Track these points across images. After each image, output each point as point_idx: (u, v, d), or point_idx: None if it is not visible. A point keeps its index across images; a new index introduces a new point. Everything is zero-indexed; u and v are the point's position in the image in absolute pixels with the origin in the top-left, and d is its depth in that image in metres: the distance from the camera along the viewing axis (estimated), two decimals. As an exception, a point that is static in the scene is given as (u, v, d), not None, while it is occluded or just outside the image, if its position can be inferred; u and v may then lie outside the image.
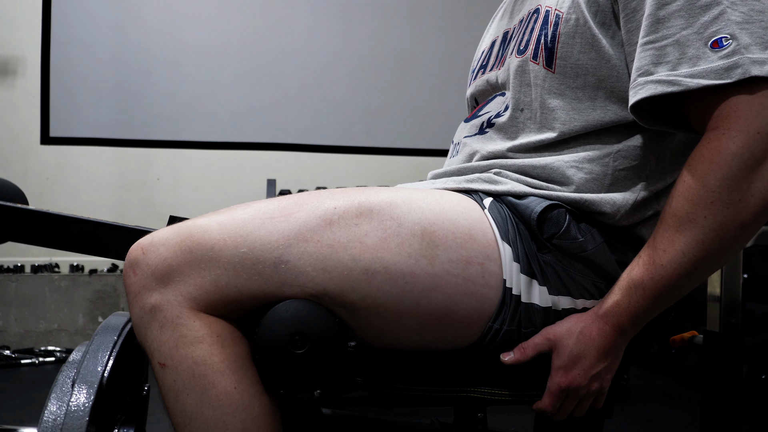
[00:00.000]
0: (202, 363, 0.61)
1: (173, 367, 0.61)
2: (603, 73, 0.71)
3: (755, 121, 0.58)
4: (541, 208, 0.68)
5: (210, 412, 0.61)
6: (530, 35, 0.76)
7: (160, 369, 0.62)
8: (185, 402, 0.61)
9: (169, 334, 0.61)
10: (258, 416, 0.62)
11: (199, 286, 0.62)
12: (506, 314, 0.67)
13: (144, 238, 0.65)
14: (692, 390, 2.34)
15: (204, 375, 0.61)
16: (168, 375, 0.62)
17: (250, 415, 0.62)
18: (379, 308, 0.64)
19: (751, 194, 0.59)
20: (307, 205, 0.66)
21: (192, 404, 0.61)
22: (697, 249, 0.61)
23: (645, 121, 0.67)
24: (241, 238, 0.63)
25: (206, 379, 0.61)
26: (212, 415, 0.61)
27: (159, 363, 0.62)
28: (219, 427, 0.61)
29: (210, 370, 0.61)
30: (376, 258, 0.64)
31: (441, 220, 0.66)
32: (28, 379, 2.43)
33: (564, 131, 0.72)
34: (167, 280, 0.62)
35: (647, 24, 0.64)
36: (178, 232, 0.64)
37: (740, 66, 0.58)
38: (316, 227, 0.64)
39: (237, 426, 0.61)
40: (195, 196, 3.09)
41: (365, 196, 0.67)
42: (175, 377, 0.61)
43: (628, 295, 0.65)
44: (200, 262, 0.62)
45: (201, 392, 0.61)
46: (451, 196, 0.71)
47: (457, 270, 0.65)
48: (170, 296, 0.62)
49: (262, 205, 0.67)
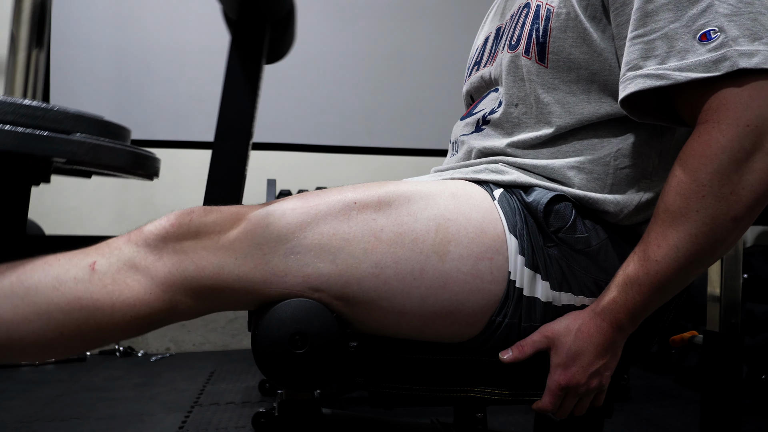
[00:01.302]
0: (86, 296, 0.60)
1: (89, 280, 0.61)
2: (595, 67, 0.71)
3: (745, 114, 0.58)
4: (547, 200, 0.68)
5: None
6: (521, 30, 0.77)
7: (89, 269, 0.61)
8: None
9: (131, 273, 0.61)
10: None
11: (200, 268, 0.62)
12: (509, 307, 0.67)
13: (201, 207, 0.66)
14: (692, 390, 2.34)
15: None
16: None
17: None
18: (383, 302, 0.65)
19: (743, 187, 0.58)
20: (328, 197, 0.66)
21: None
22: (690, 243, 0.61)
23: (636, 115, 0.67)
24: (261, 228, 0.63)
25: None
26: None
27: (90, 265, 0.61)
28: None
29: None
30: (387, 252, 0.64)
31: (455, 215, 0.67)
32: (28, 379, 2.43)
33: (561, 125, 0.72)
34: (179, 246, 0.62)
35: (636, 18, 0.64)
36: (226, 209, 0.65)
37: (728, 58, 0.58)
38: (335, 221, 0.64)
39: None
40: (195, 196, 3.07)
41: (385, 190, 0.67)
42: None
43: (624, 291, 0.65)
44: (219, 247, 0.63)
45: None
46: (466, 187, 0.71)
47: (467, 267, 0.65)
48: (167, 261, 0.62)
49: (289, 200, 0.67)
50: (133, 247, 0.62)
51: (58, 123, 0.63)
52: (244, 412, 2.03)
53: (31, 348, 0.60)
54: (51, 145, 0.62)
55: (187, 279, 0.62)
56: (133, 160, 0.74)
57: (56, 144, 0.62)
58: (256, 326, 0.64)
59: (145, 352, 2.95)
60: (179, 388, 2.33)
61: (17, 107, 0.60)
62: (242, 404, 2.12)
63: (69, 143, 0.63)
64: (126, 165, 0.73)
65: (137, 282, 0.61)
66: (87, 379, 2.45)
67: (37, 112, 0.61)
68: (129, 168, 0.74)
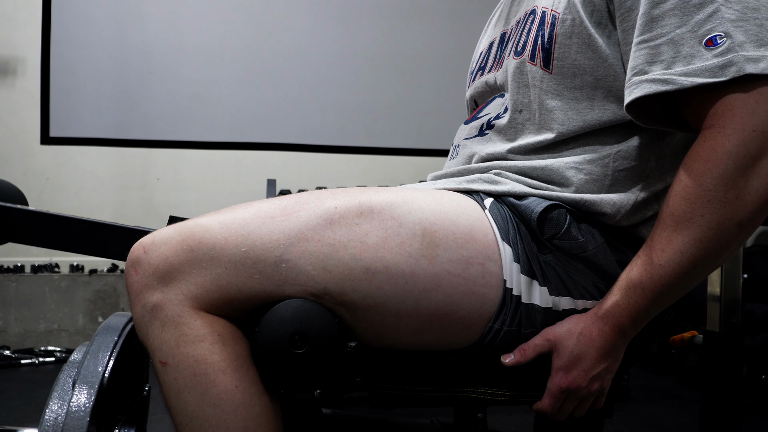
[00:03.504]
0: (203, 361, 0.61)
1: (174, 365, 0.61)
2: (600, 73, 0.71)
3: (750, 119, 0.58)
4: (541, 209, 0.68)
5: (211, 411, 0.61)
6: (527, 36, 0.76)
7: (162, 368, 0.62)
8: (186, 400, 0.61)
9: (171, 333, 0.62)
10: (259, 415, 0.63)
11: (200, 285, 0.62)
12: (506, 315, 0.67)
13: (145, 237, 0.65)
14: (692, 390, 2.34)
15: (205, 374, 0.61)
16: (169, 374, 0.62)
17: (251, 414, 0.62)
18: (380, 308, 0.64)
19: (748, 192, 0.58)
20: (309, 205, 0.66)
21: (193, 403, 0.61)
22: (695, 248, 0.61)
23: (641, 120, 0.67)
24: (242, 237, 0.63)
25: (207, 378, 0.61)
26: (213, 414, 0.61)
27: (160, 362, 0.62)
28: (220, 425, 0.61)
29: (211, 368, 0.61)
30: (376, 257, 0.64)
31: (441, 220, 0.66)
32: (28, 379, 2.43)
33: (562, 131, 0.72)
34: (169, 279, 0.62)
35: (642, 23, 0.64)
36: (180, 231, 0.64)
37: (734, 64, 0.58)
38: (317, 226, 0.64)
39: (238, 425, 0.61)
40: (195, 196, 3.09)
41: (366, 195, 0.67)
42: (177, 376, 0.61)
43: (627, 295, 0.65)
44: (201, 260, 0.62)
45: (202, 391, 0.61)
46: (452, 196, 0.71)
47: (458, 270, 0.65)
48: (171, 295, 0.62)
49: (263, 205, 0.67)
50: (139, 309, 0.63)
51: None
52: (244, 412, 2.03)
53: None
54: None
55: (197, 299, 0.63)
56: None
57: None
58: (256, 326, 0.64)
59: (145, 352, 2.95)
60: (179, 388, 2.33)
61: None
62: (242, 404, 2.12)
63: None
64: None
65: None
66: (87, 379, 2.45)
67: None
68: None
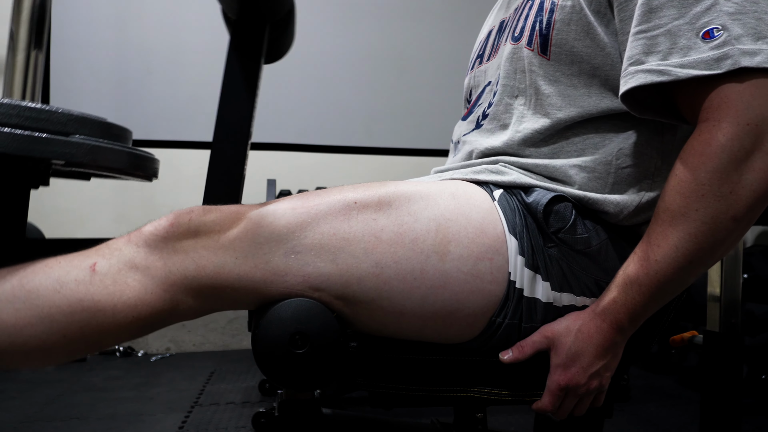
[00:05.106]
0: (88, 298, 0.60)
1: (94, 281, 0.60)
2: (598, 61, 0.71)
3: (745, 113, 0.58)
4: (546, 200, 0.68)
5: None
6: (525, 22, 0.77)
7: (90, 271, 0.61)
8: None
9: (133, 276, 0.61)
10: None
11: (200, 267, 0.62)
12: (509, 308, 0.67)
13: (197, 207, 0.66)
14: (692, 390, 2.34)
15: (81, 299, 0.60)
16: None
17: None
18: (383, 302, 0.65)
19: (743, 186, 0.58)
20: (329, 197, 0.66)
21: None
22: (690, 243, 0.60)
23: (636, 110, 0.67)
24: (261, 227, 0.63)
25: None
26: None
27: (92, 266, 0.61)
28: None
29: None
30: (388, 252, 0.64)
31: (455, 215, 0.67)
32: (28, 379, 2.43)
33: (561, 117, 0.72)
34: (179, 246, 0.62)
35: (640, 13, 0.64)
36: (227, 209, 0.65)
37: (730, 57, 0.58)
38: (335, 220, 0.64)
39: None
40: (195, 196, 3.08)
41: (385, 190, 0.67)
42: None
43: (624, 291, 0.65)
44: (219, 246, 0.63)
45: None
46: (466, 188, 0.71)
47: (467, 267, 0.65)
48: (167, 260, 0.62)
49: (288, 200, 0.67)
50: (133, 248, 0.62)
51: (57, 125, 0.63)
52: (244, 412, 2.03)
53: (35, 352, 0.60)
54: (49, 147, 0.62)
55: (187, 278, 0.62)
56: (132, 162, 0.74)
57: (54, 146, 0.62)
58: (256, 326, 0.64)
59: (145, 352, 2.95)
60: (179, 388, 2.33)
61: (17, 109, 0.60)
62: (242, 404, 2.12)
63: (67, 145, 0.63)
64: (124, 166, 0.72)
65: (138, 282, 0.61)
66: (87, 379, 2.45)
67: (36, 114, 0.61)
68: (128, 169, 0.74)
